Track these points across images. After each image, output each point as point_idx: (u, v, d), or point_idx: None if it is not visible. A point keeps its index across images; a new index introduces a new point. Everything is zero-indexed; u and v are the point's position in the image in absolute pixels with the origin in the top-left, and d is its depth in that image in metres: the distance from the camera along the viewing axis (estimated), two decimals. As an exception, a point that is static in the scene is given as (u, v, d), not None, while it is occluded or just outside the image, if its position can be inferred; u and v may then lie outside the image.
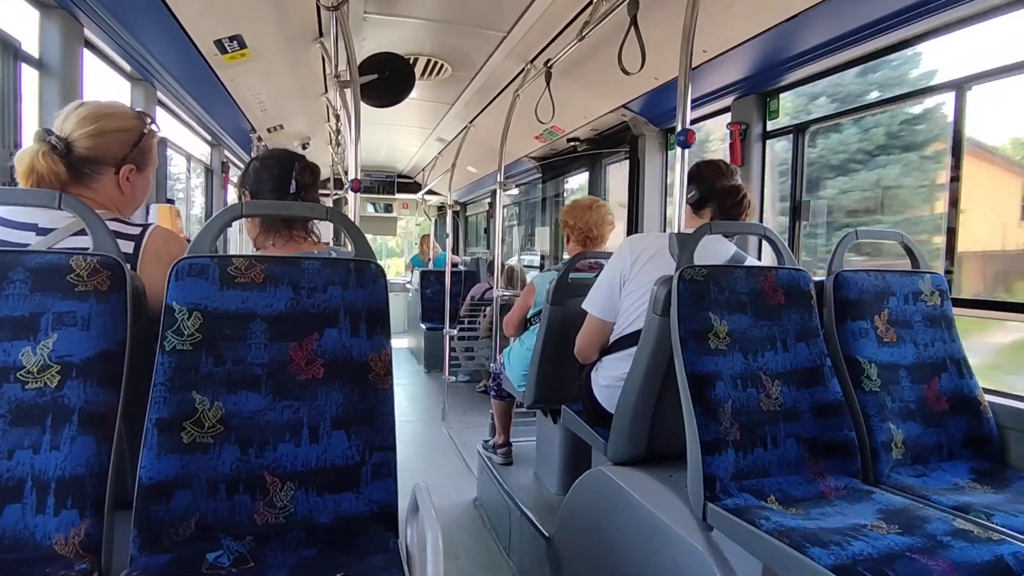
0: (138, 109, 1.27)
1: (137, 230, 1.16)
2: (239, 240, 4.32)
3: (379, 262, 1.16)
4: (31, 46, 1.83)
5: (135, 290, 1.01)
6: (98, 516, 0.91)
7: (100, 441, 0.93)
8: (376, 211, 7.96)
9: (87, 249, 1.02)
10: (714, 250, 1.61)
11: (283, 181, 1.39)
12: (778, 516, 1.09)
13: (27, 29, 1.82)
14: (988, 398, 1.50)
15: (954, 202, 1.83)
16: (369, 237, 1.25)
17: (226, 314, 1.04)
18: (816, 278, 1.47)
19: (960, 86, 1.80)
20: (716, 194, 1.67)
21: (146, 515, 0.95)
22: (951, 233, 1.83)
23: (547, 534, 1.90)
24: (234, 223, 1.18)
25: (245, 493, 1.00)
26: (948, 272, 1.82)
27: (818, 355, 1.37)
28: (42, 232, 1.09)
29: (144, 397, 0.99)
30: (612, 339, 1.74)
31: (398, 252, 10.52)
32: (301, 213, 1.32)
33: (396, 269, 10.17)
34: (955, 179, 1.83)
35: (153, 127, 1.26)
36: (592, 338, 1.79)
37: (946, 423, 1.43)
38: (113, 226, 1.10)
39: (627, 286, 1.67)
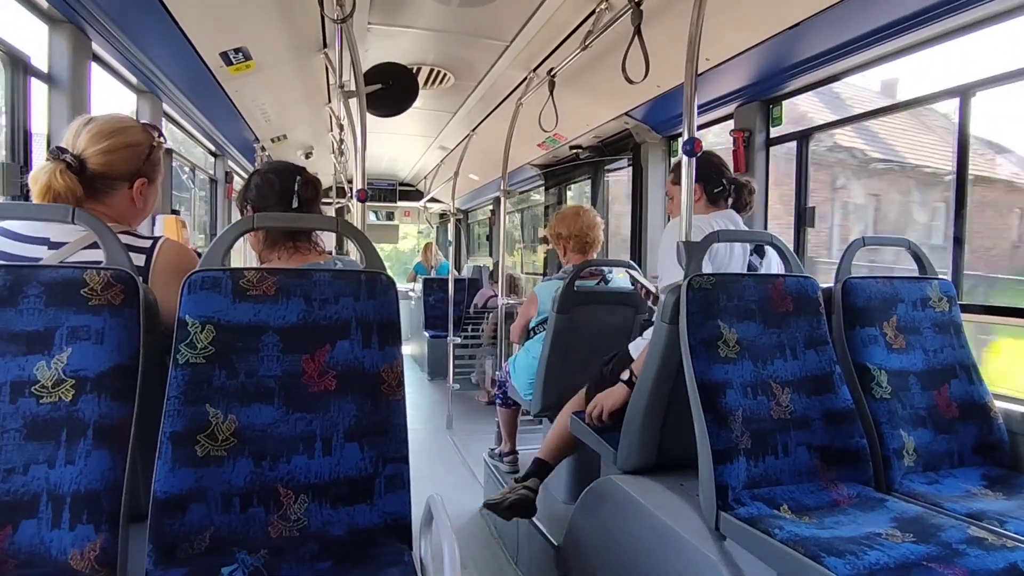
0: (144, 121, 1.28)
1: (148, 243, 1.16)
2: (243, 249, 4.33)
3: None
4: (40, 61, 1.85)
5: (148, 304, 1.01)
6: (113, 530, 0.91)
7: (115, 455, 0.93)
8: (378, 219, 7.98)
9: (99, 263, 1.02)
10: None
11: (286, 195, 1.40)
12: (792, 525, 1.09)
13: (36, 44, 1.84)
14: (998, 404, 1.49)
15: (960, 209, 1.83)
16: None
17: (239, 327, 1.04)
18: (824, 285, 1.47)
19: (964, 92, 1.81)
20: (735, 186, 1.78)
21: (161, 529, 0.95)
22: (957, 240, 1.84)
23: (556, 543, 1.89)
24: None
25: (259, 506, 1.00)
26: (955, 278, 1.82)
27: (827, 362, 1.37)
28: (54, 246, 1.10)
29: (157, 411, 0.99)
30: None
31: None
32: (313, 226, 1.32)
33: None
34: (960, 186, 1.83)
35: (161, 139, 1.27)
36: None
37: (957, 429, 1.43)
38: (124, 239, 1.10)
39: None
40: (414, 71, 3.23)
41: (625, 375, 1.69)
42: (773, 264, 1.79)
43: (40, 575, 0.87)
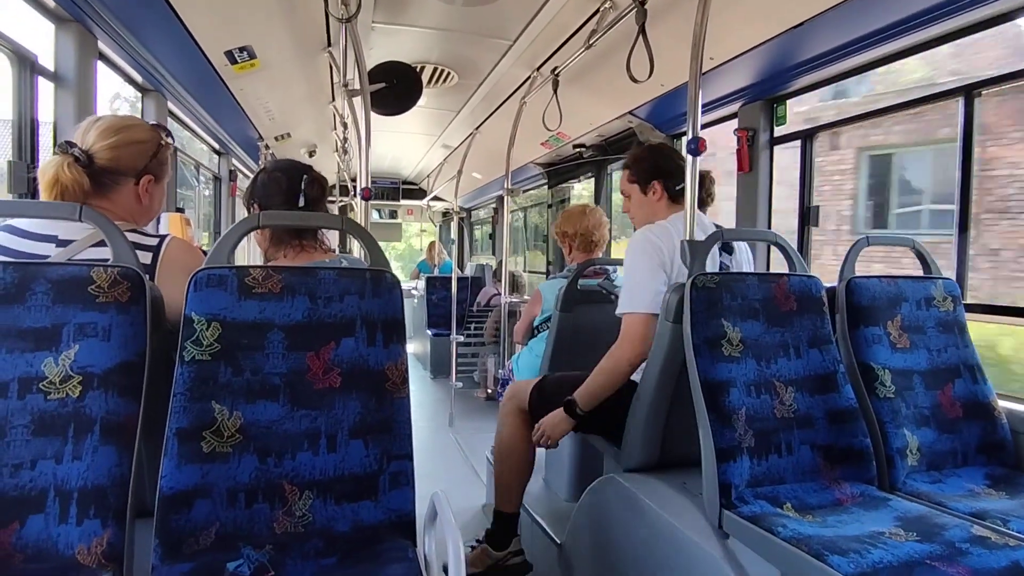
0: (150, 120, 1.30)
1: (154, 241, 1.17)
2: (248, 248, 4.34)
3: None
4: (47, 60, 1.86)
5: (154, 301, 1.02)
6: (120, 526, 0.92)
7: (121, 451, 0.94)
8: (381, 217, 8.00)
9: (107, 260, 1.03)
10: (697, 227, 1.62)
11: (292, 194, 1.40)
12: (795, 523, 1.09)
13: (43, 43, 1.85)
14: (1002, 403, 1.49)
15: (964, 207, 1.82)
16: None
17: (244, 324, 1.05)
18: (828, 284, 1.47)
19: (969, 91, 1.80)
20: (704, 182, 1.72)
21: (167, 524, 0.96)
22: (962, 238, 1.83)
23: (559, 541, 1.90)
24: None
25: (264, 502, 1.01)
26: (959, 277, 1.82)
27: (831, 361, 1.37)
28: (62, 243, 1.10)
29: (163, 407, 1.00)
30: None
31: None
32: (318, 224, 1.33)
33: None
34: (965, 183, 1.82)
35: (169, 139, 1.28)
36: (645, 336, 1.52)
37: (960, 429, 1.43)
38: (131, 238, 1.11)
39: (671, 280, 1.56)
40: (418, 70, 3.24)
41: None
42: (744, 261, 1.73)
43: (47, 569, 0.88)
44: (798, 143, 2.47)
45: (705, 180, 1.76)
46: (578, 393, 1.60)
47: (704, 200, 1.78)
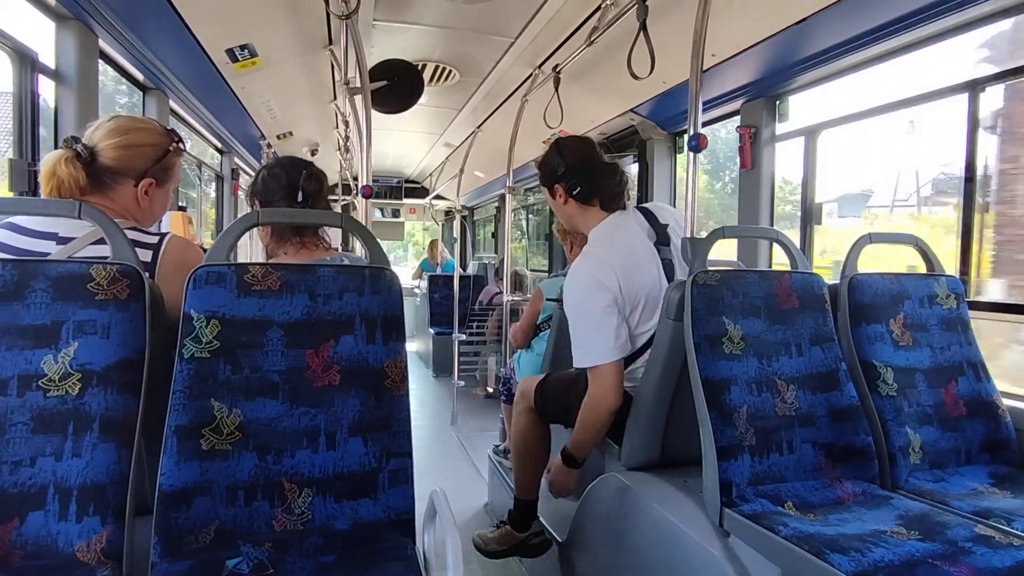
0: (153, 118, 1.29)
1: (155, 239, 1.17)
2: (250, 246, 4.35)
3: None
4: (47, 57, 1.86)
5: (153, 298, 1.02)
6: (119, 523, 0.92)
7: (121, 448, 0.94)
8: (383, 216, 8.00)
9: (107, 258, 1.03)
10: (625, 235, 1.58)
11: (291, 190, 1.40)
12: (796, 522, 1.08)
13: (44, 41, 1.85)
14: (1006, 402, 1.48)
15: (968, 204, 1.81)
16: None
17: (243, 322, 1.05)
18: (831, 281, 1.46)
19: (974, 87, 1.79)
20: (597, 176, 1.60)
21: (166, 522, 0.96)
22: (966, 234, 1.82)
23: (560, 539, 1.89)
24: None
25: (263, 500, 1.00)
26: (963, 275, 1.81)
27: (833, 359, 1.37)
28: (62, 241, 1.10)
29: (163, 405, 0.99)
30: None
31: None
32: (317, 220, 1.33)
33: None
34: (969, 180, 1.81)
35: (179, 145, 1.27)
36: (618, 381, 1.48)
37: (964, 427, 1.42)
38: (131, 235, 1.11)
39: (628, 305, 1.51)
40: (419, 68, 3.23)
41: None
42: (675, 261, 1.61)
43: (46, 567, 0.88)
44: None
45: (615, 178, 1.64)
46: (572, 445, 1.60)
47: (618, 195, 1.64)
